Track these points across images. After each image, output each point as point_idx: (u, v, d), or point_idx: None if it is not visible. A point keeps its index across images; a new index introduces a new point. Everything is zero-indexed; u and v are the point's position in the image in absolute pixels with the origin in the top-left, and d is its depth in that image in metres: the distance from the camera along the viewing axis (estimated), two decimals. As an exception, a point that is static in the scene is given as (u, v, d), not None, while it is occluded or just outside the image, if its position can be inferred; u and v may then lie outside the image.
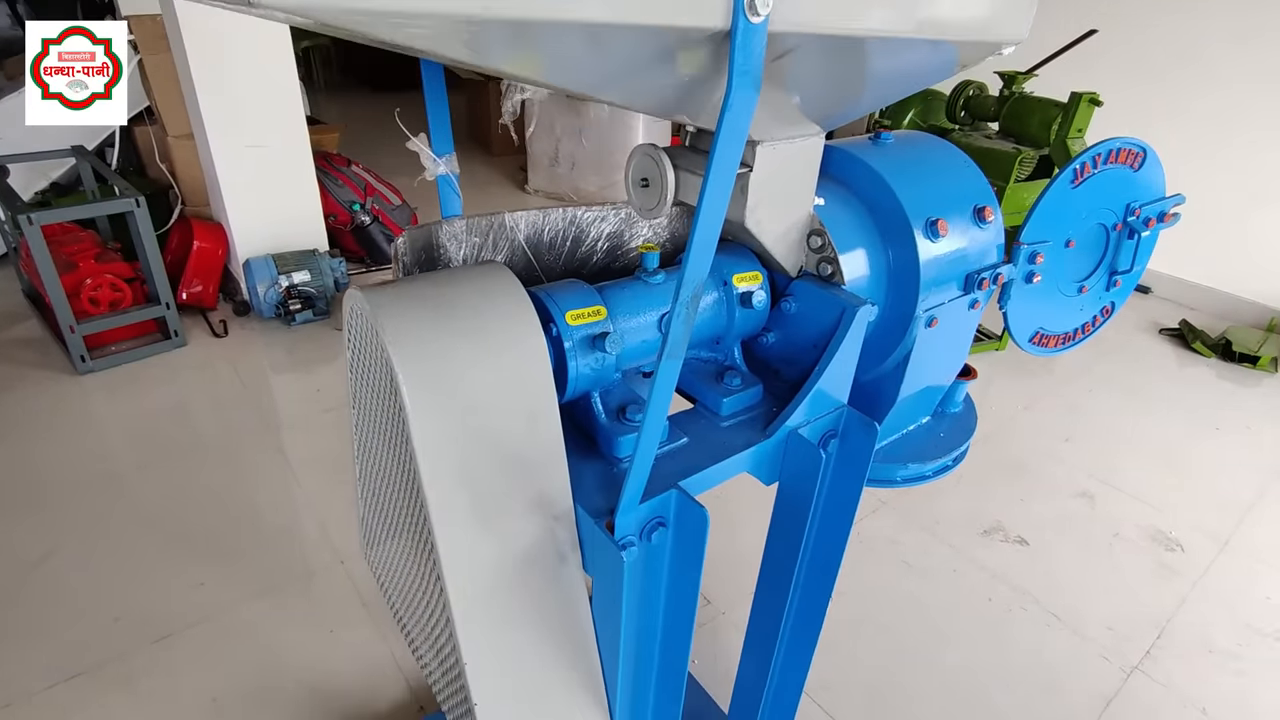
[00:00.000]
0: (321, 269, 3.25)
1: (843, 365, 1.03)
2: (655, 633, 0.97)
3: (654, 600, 0.94)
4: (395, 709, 1.67)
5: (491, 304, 0.78)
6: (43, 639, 1.79)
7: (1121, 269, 1.36)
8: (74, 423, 2.60)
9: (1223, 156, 3.68)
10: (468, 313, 0.77)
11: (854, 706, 1.72)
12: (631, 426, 0.93)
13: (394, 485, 0.89)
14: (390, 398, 0.77)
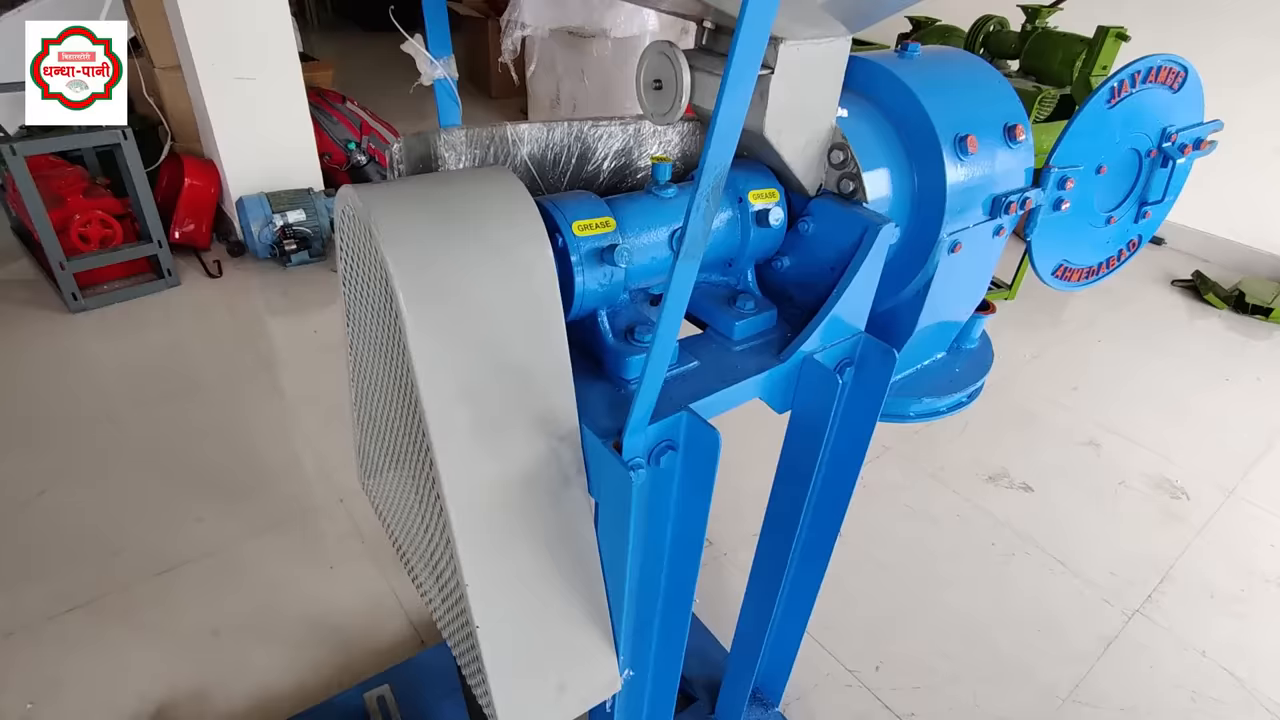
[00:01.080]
0: (317, 208, 3.17)
1: (862, 289, 0.98)
2: (661, 561, 0.95)
3: (661, 527, 0.91)
4: (397, 643, 1.67)
5: (494, 206, 0.73)
6: (42, 572, 1.78)
7: (1152, 199, 1.30)
8: (67, 361, 2.56)
9: (1247, 105, 3.56)
10: (469, 215, 0.71)
11: (855, 646, 1.73)
12: (640, 347, 0.89)
13: (392, 405, 0.85)
14: (385, 306, 0.73)
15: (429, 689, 1.48)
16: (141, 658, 1.60)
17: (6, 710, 1.49)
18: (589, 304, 0.87)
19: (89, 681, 1.55)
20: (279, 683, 1.57)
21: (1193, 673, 1.72)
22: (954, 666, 1.70)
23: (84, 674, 1.56)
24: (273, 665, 1.61)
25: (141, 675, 1.56)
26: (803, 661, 1.57)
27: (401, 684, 1.48)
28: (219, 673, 1.58)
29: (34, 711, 1.49)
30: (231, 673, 1.59)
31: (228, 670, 1.59)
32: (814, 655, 1.70)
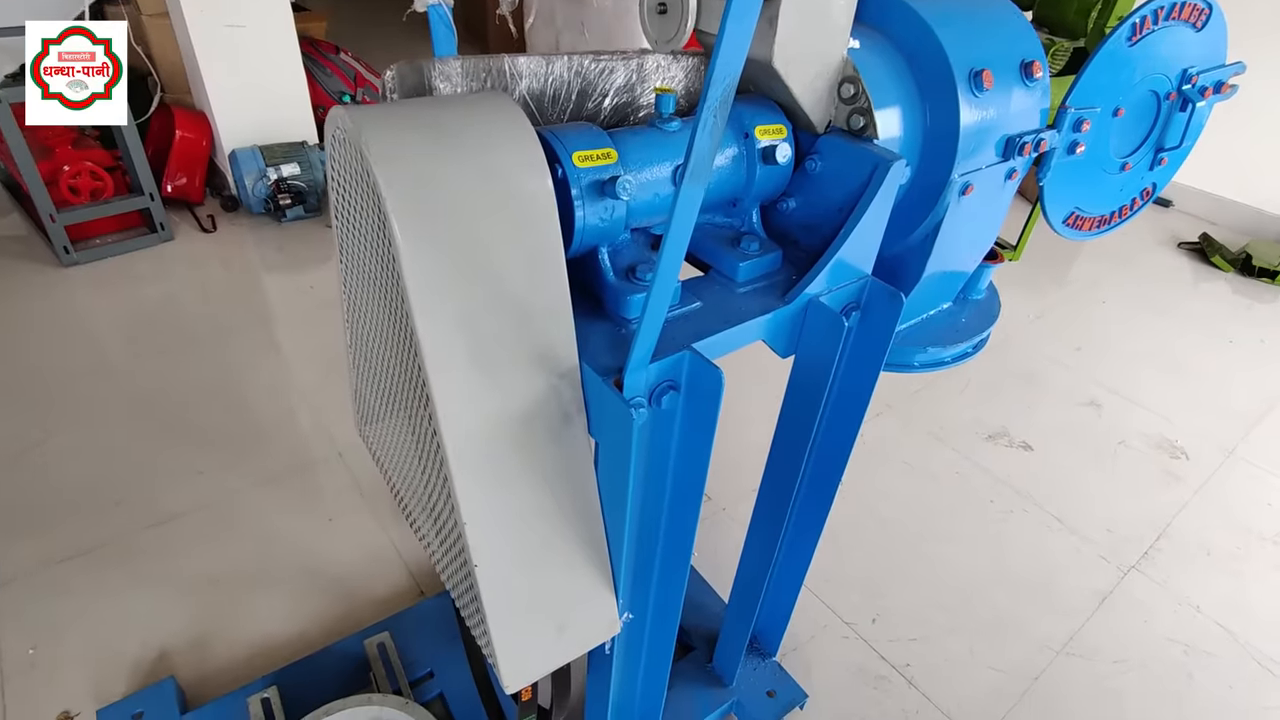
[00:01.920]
0: (311, 162, 3.11)
1: (870, 229, 0.95)
2: (662, 503, 0.94)
3: (661, 470, 0.90)
4: (396, 593, 1.68)
5: (493, 131, 0.70)
6: (40, 522, 1.78)
7: (1169, 145, 1.27)
8: (61, 315, 2.53)
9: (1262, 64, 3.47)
10: (465, 138, 0.68)
11: (852, 600, 1.74)
12: (642, 286, 0.86)
13: (387, 342, 0.83)
14: (379, 234, 0.70)
15: (429, 637, 1.49)
16: (142, 606, 1.61)
17: (8, 654, 1.50)
18: (589, 240, 0.84)
19: (90, 628, 1.56)
20: (280, 631, 1.58)
21: (1187, 627, 1.74)
22: (950, 620, 1.71)
23: (85, 621, 1.57)
24: (273, 614, 1.61)
25: (142, 622, 1.57)
26: (800, 613, 1.58)
27: (401, 632, 1.49)
28: (219, 621, 1.59)
29: (36, 656, 1.50)
30: (232, 621, 1.59)
31: (228, 619, 1.60)
32: (811, 607, 1.71)
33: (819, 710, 1.51)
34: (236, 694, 1.38)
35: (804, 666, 1.57)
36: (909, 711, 1.52)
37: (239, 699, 1.36)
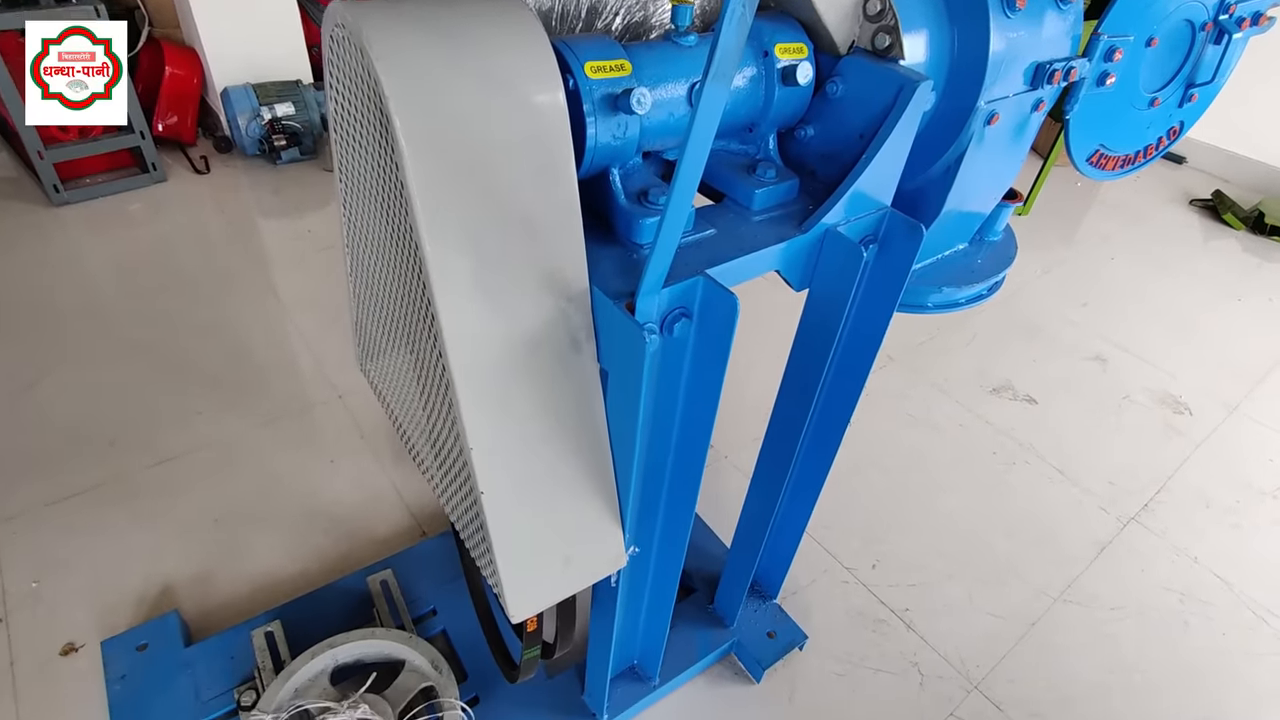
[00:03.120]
0: (306, 101, 3.02)
1: (891, 157, 0.92)
2: (670, 438, 0.92)
3: (671, 402, 0.88)
4: (398, 534, 1.68)
5: (502, 34, 0.65)
6: (39, 460, 1.77)
7: (1200, 81, 1.22)
8: (52, 255, 2.48)
9: None
10: (473, 40, 0.64)
11: (852, 546, 1.74)
12: (654, 210, 0.83)
13: (390, 265, 0.80)
14: (381, 142, 0.66)
15: (431, 576, 1.50)
16: (143, 542, 1.61)
17: (11, 588, 1.50)
18: (600, 159, 0.80)
19: (92, 563, 1.56)
20: (282, 568, 1.58)
21: (1183, 577, 1.75)
22: (949, 566, 1.72)
23: (87, 556, 1.57)
24: (275, 552, 1.62)
25: (144, 559, 1.57)
26: (800, 559, 1.58)
27: (404, 570, 1.49)
28: (222, 558, 1.59)
29: (40, 589, 1.50)
30: (234, 558, 1.60)
31: (230, 556, 1.60)
32: (812, 553, 1.71)
33: (818, 652, 1.52)
34: (240, 628, 1.38)
35: (804, 609, 1.58)
36: (907, 653, 1.53)
37: (242, 632, 1.37)
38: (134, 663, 1.33)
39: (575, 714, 1.32)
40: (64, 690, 1.35)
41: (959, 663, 1.53)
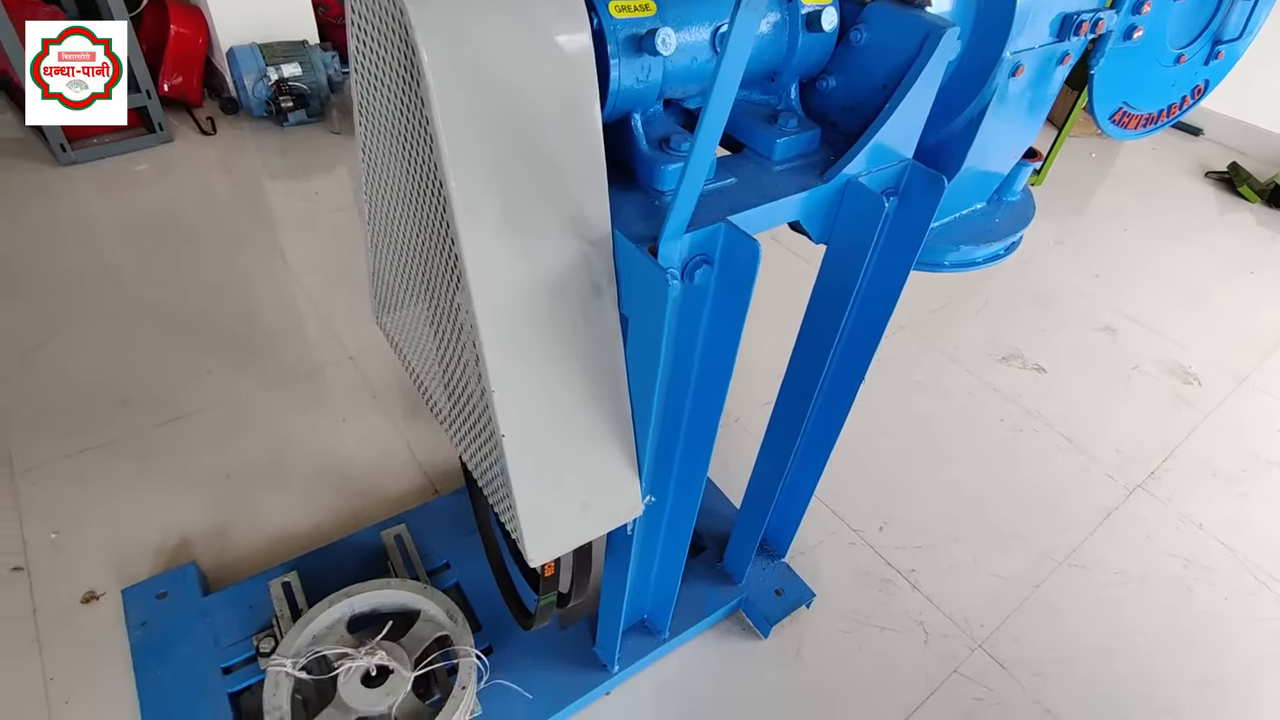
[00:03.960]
0: (314, 63, 2.98)
1: (915, 107, 0.91)
2: (688, 387, 0.93)
3: (689, 350, 0.88)
4: (411, 491, 1.70)
5: (525, -35, 0.64)
6: (52, 416, 1.78)
7: (1228, 37, 1.20)
8: (60, 215, 2.47)
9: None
10: (496, -30, 0.63)
11: (860, 509, 1.76)
12: (676, 156, 0.82)
13: (413, 207, 0.80)
14: (406, 77, 0.66)
15: (444, 531, 1.51)
16: (158, 497, 1.63)
17: (31, 538, 1.52)
18: (623, 103, 0.79)
19: (109, 516, 1.58)
20: (296, 524, 1.60)
21: (1188, 543, 1.76)
22: (956, 530, 1.73)
23: (104, 509, 1.59)
24: (289, 508, 1.63)
25: (160, 513, 1.59)
26: (808, 521, 1.59)
27: (417, 526, 1.51)
28: (236, 514, 1.61)
29: (58, 540, 1.53)
30: (248, 513, 1.61)
31: (245, 511, 1.62)
32: (820, 515, 1.73)
33: (825, 610, 1.54)
34: (258, 578, 1.40)
35: (811, 569, 1.60)
36: (912, 613, 1.56)
37: (260, 583, 1.39)
38: (154, 610, 1.35)
39: (587, 665, 1.35)
40: (86, 636, 1.37)
41: (963, 622, 1.55)
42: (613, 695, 1.37)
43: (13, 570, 1.47)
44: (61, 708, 1.28)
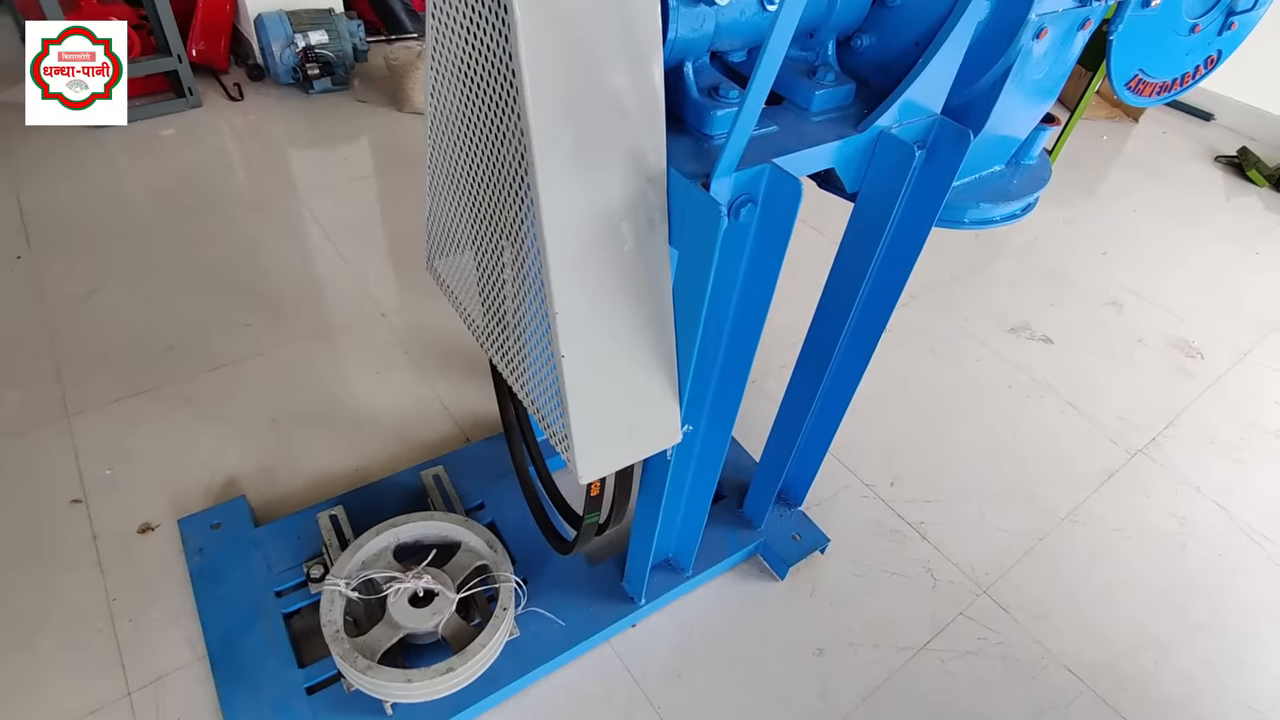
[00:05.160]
0: (340, 31, 3.03)
1: (945, 65, 0.97)
2: (725, 323, 1.00)
3: (729, 287, 0.95)
4: (443, 439, 1.78)
5: (600, -84, 0.71)
6: (102, 363, 1.86)
7: (1241, 8, 1.25)
8: (96, 175, 2.54)
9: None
10: (577, -79, 0.70)
11: (874, 466, 1.83)
12: (725, 103, 0.89)
13: (483, 148, 0.87)
14: (493, 22, 0.72)
15: (478, 474, 1.60)
16: (206, 437, 1.71)
17: (87, 474, 1.61)
18: (678, 52, 0.86)
19: (159, 454, 1.66)
20: (337, 466, 1.69)
21: (1184, 504, 1.84)
22: (963, 487, 1.81)
23: (154, 448, 1.67)
24: (330, 451, 1.72)
25: (208, 452, 1.68)
26: (823, 475, 1.67)
27: (453, 468, 1.59)
28: (279, 455, 1.70)
29: (113, 476, 1.61)
30: (292, 455, 1.70)
31: (288, 453, 1.70)
32: (834, 470, 1.81)
33: (838, 556, 1.62)
34: (306, 512, 1.49)
35: (826, 519, 1.67)
36: (921, 560, 1.64)
37: (307, 516, 1.48)
38: (209, 539, 1.44)
39: (616, 598, 1.43)
40: (144, 562, 1.46)
41: (969, 570, 1.63)
42: (638, 627, 1.46)
43: (72, 502, 1.55)
44: (124, 624, 1.37)
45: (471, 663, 1.18)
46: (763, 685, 1.40)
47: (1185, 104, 3.89)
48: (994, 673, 1.46)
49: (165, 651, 1.33)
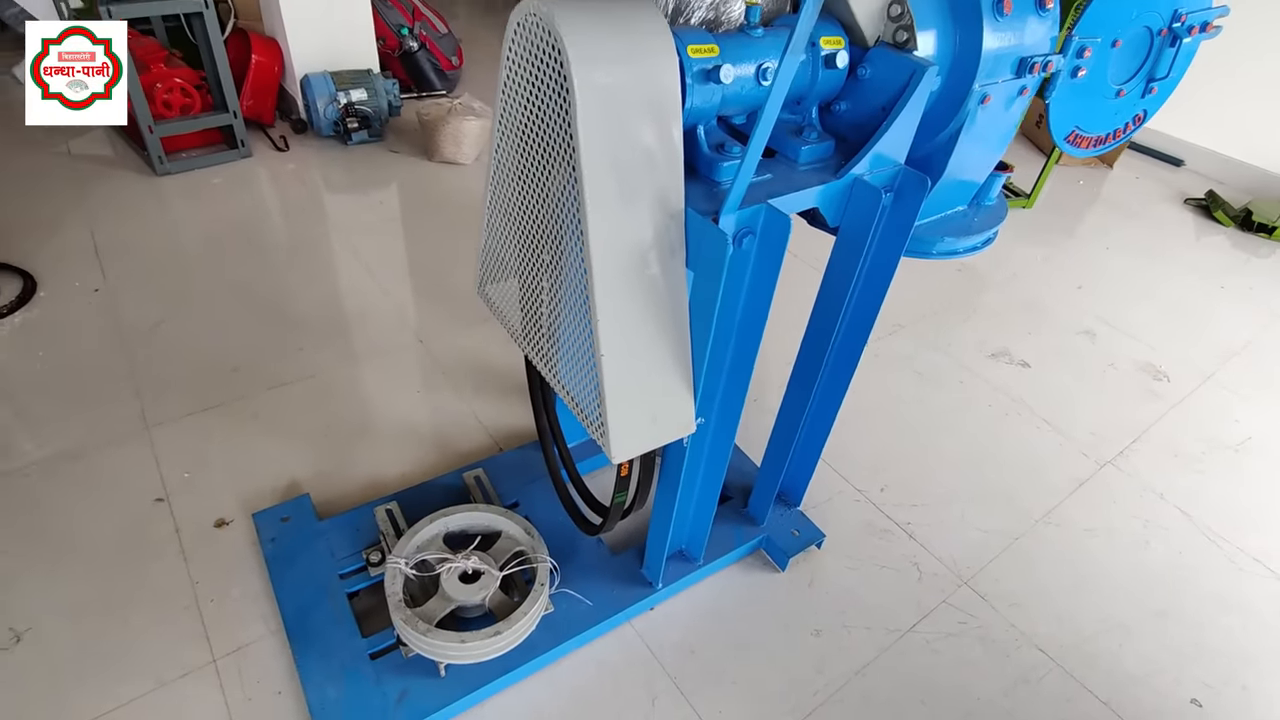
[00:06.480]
0: (377, 89, 3.34)
1: (906, 124, 1.21)
2: (732, 332, 1.22)
3: (734, 301, 1.18)
4: (478, 449, 1.98)
5: (639, 23, 0.95)
6: (174, 382, 2.08)
7: (1159, 76, 1.50)
8: (161, 216, 2.81)
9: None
10: (622, 28, 0.94)
11: (864, 473, 2.03)
12: (729, 156, 1.13)
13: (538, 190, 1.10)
14: (555, 97, 0.96)
15: (513, 477, 1.80)
16: (270, 446, 1.92)
17: (169, 477, 1.81)
18: (692, 118, 1.10)
19: (230, 460, 1.87)
20: (386, 470, 1.89)
21: (1149, 509, 2.03)
22: (946, 492, 2.01)
23: (225, 455, 1.88)
24: (378, 458, 1.92)
25: (272, 458, 1.89)
26: (818, 481, 1.88)
27: (490, 471, 1.79)
28: (335, 461, 1.90)
29: (191, 479, 1.82)
30: (345, 461, 1.90)
31: (341, 460, 1.91)
32: (829, 477, 2.01)
33: (833, 551, 1.81)
34: (363, 508, 1.69)
35: (822, 520, 1.86)
36: (908, 556, 1.82)
37: (365, 512, 1.68)
38: (280, 530, 1.64)
39: (636, 583, 1.62)
40: (222, 552, 1.66)
41: (952, 564, 1.81)
42: (656, 610, 1.64)
43: (155, 501, 1.76)
44: (208, 605, 1.56)
45: (516, 628, 1.37)
46: (766, 660, 1.58)
47: (1157, 151, 4.18)
48: (973, 652, 1.64)
49: (244, 626, 1.52)
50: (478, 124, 3.27)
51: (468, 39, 4.35)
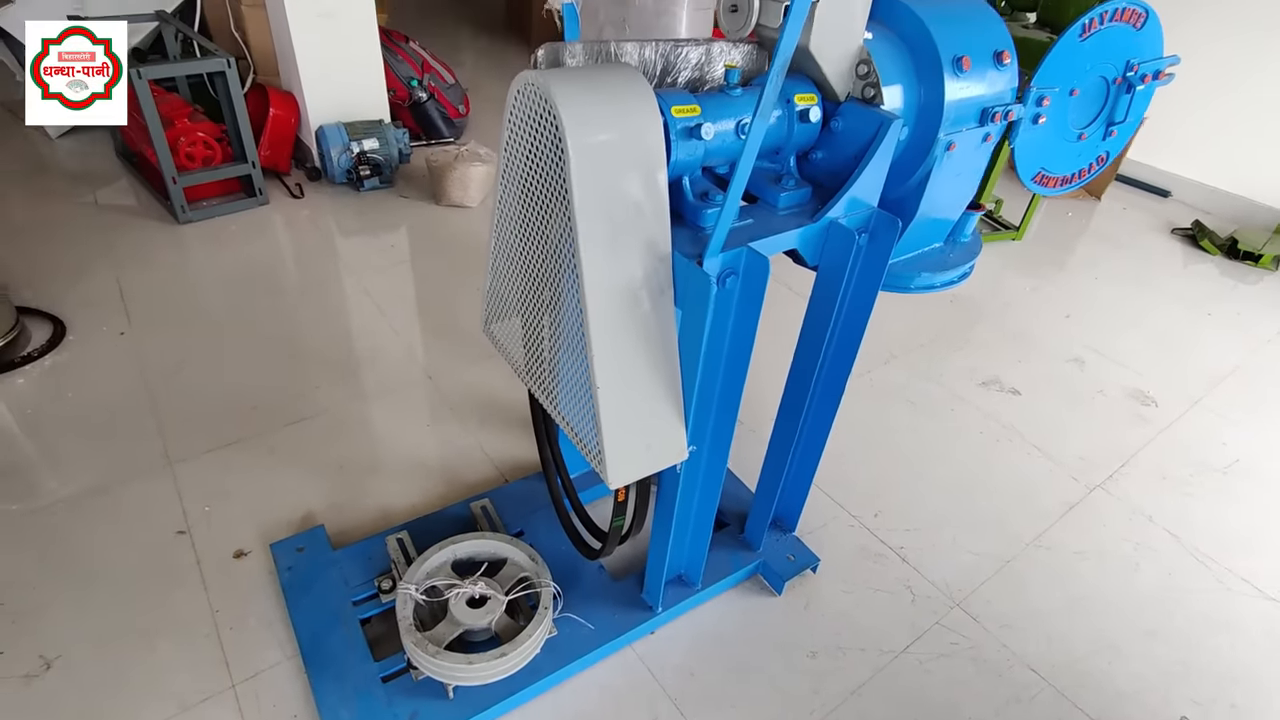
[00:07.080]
0: (388, 138, 3.50)
1: (876, 171, 1.31)
2: (720, 364, 1.31)
3: (720, 336, 1.27)
4: (484, 480, 2.06)
5: (626, 89, 1.06)
6: (197, 420, 2.18)
7: (1117, 120, 1.61)
8: (181, 263, 2.94)
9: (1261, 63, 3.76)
10: (610, 94, 1.05)
11: (858, 499, 2.09)
12: (712, 204, 1.23)
13: (537, 239, 1.20)
14: (550, 156, 1.07)
15: (517, 507, 1.87)
16: (286, 481, 2.00)
17: (190, 511, 1.90)
18: (677, 170, 1.21)
19: (249, 494, 1.96)
20: (396, 502, 1.97)
21: (1139, 531, 2.08)
22: (939, 517, 2.06)
23: (244, 489, 1.97)
24: (389, 490, 2.00)
25: (289, 492, 1.97)
26: (813, 508, 1.95)
27: (497, 501, 1.87)
28: (348, 493, 1.98)
29: (211, 513, 1.90)
30: (357, 494, 1.99)
31: (354, 492, 1.99)
32: (823, 503, 2.07)
33: (828, 575, 1.87)
34: (374, 538, 1.77)
35: (817, 545, 1.92)
36: (902, 579, 1.88)
37: (376, 542, 1.75)
38: (296, 559, 1.72)
39: (636, 607, 1.68)
40: (241, 580, 1.73)
41: (944, 587, 1.87)
42: (656, 634, 1.70)
43: (177, 533, 1.84)
44: (227, 632, 1.63)
45: (521, 649, 1.43)
46: (765, 682, 1.63)
47: (1144, 182, 4.29)
48: (966, 672, 1.68)
49: (262, 652, 1.59)
50: (483, 169, 3.42)
51: (474, 88, 4.54)
